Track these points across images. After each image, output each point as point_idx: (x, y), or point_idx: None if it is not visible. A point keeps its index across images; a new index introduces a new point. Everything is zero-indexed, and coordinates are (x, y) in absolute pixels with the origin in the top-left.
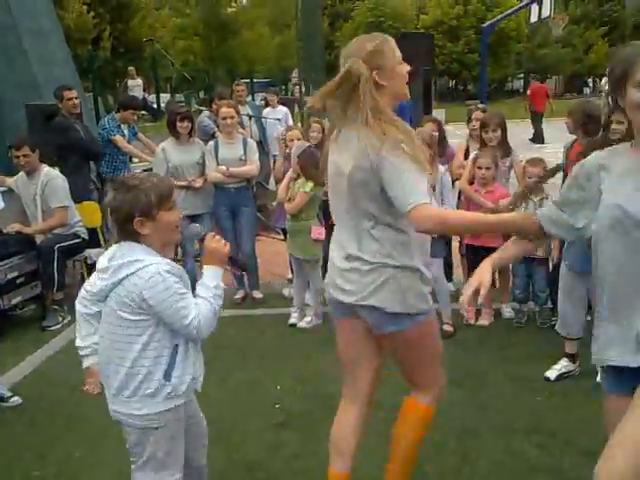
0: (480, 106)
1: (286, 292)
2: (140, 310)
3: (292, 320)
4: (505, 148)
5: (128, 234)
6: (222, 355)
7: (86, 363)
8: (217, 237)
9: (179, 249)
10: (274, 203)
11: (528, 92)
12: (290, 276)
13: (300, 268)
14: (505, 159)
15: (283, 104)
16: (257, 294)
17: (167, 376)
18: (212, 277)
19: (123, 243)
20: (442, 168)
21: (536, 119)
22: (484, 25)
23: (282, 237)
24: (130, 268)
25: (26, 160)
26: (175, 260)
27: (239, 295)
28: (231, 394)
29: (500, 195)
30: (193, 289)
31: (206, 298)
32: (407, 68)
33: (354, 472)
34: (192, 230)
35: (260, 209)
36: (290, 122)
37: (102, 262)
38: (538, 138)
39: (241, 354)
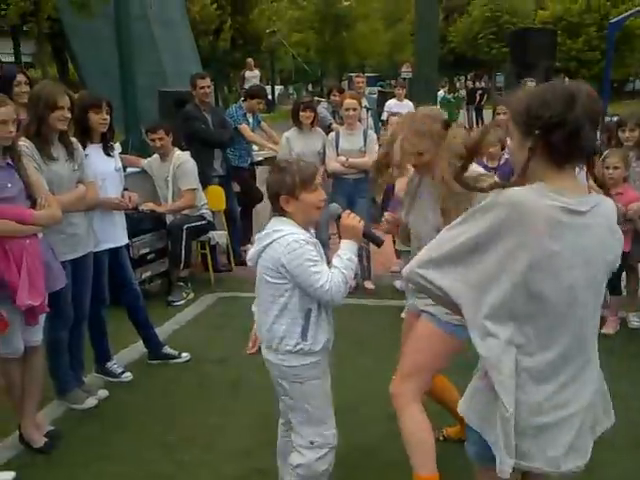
0: None
1: (398, 284)
2: (278, 274)
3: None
4: None
5: (277, 209)
6: (336, 341)
7: None
8: (352, 215)
9: None
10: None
11: None
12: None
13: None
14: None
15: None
16: (369, 285)
17: (304, 336)
18: (346, 250)
19: (275, 217)
20: None
21: None
22: (612, 21)
23: None
24: (272, 237)
25: (161, 143)
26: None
27: (351, 283)
28: (347, 380)
29: (630, 197)
30: None
31: (338, 268)
32: None
33: None
34: (331, 209)
35: (372, 200)
36: None
37: (260, 233)
38: None
39: (356, 342)
